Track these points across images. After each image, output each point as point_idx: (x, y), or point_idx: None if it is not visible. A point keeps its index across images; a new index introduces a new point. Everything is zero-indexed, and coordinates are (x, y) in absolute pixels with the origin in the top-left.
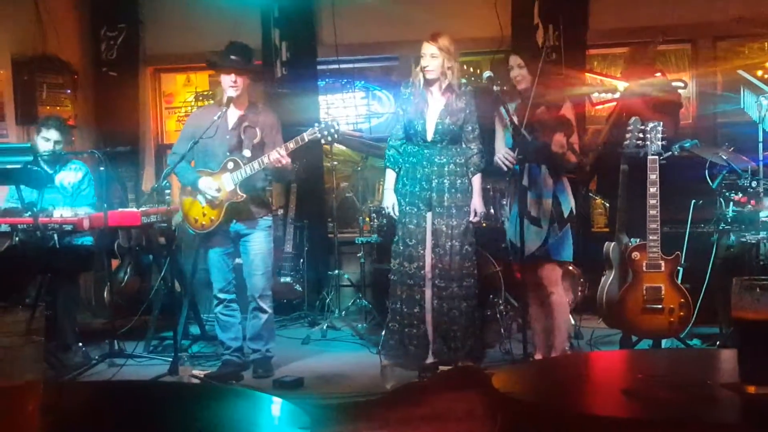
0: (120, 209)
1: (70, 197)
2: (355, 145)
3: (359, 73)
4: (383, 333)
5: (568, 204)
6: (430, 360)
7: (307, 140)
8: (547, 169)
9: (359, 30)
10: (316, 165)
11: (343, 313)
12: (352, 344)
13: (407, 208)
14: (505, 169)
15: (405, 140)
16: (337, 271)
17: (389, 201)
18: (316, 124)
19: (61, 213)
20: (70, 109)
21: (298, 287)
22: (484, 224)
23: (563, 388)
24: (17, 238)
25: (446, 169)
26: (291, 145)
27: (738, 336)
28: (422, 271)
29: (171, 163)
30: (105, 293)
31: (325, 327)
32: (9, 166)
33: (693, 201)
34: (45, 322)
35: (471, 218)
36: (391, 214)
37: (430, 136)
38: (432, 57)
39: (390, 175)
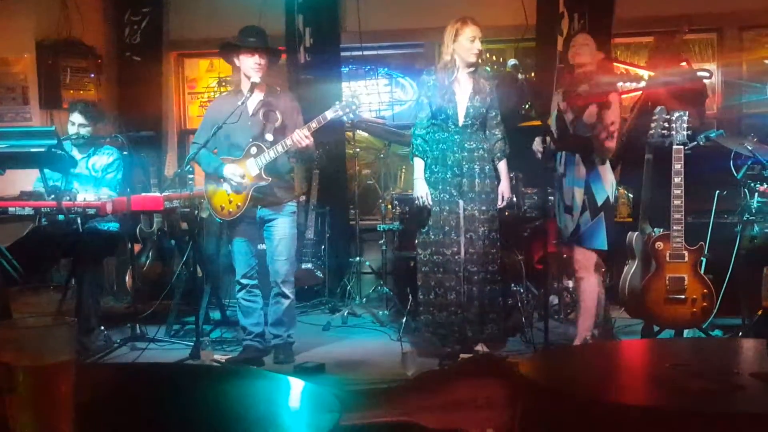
0: (143, 194)
1: (95, 179)
2: (377, 132)
3: (382, 60)
4: (404, 320)
5: (604, 193)
6: (450, 348)
7: (329, 118)
8: (581, 158)
9: (383, 16)
10: (338, 152)
11: (364, 300)
12: (373, 331)
13: (441, 196)
14: (538, 156)
15: (432, 128)
16: (358, 258)
17: (422, 191)
18: (337, 103)
19: (85, 197)
20: (93, 93)
21: (319, 273)
22: (507, 212)
23: (591, 376)
24: (41, 221)
25: (476, 154)
26: (313, 124)
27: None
28: (457, 257)
29: (193, 152)
30: (127, 277)
31: (345, 314)
32: (33, 150)
33: (717, 191)
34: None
35: (499, 203)
36: (426, 203)
37: (461, 120)
38: (480, 40)
39: (419, 164)
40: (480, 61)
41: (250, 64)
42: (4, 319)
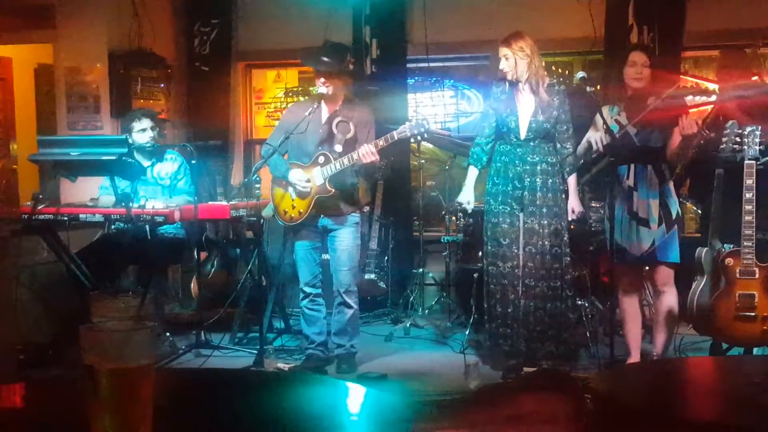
0: (209, 202)
1: (167, 188)
2: (443, 143)
3: (448, 72)
4: (467, 332)
5: (676, 206)
6: (514, 361)
7: (396, 138)
8: (654, 170)
9: (449, 28)
10: (403, 163)
11: (427, 311)
12: (435, 343)
13: (500, 208)
14: (594, 147)
15: (496, 139)
16: (421, 270)
17: (466, 197)
18: (407, 122)
19: (153, 204)
20: (163, 102)
21: (382, 284)
22: (572, 226)
23: (666, 393)
24: (111, 228)
25: (538, 168)
26: (380, 142)
27: None
28: (516, 270)
29: (264, 155)
30: (192, 285)
31: (408, 325)
32: (104, 158)
33: None
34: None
35: (570, 217)
36: (466, 208)
37: (523, 134)
38: (505, 59)
39: (471, 173)
40: (510, 77)
41: (318, 80)
42: (85, 323)
